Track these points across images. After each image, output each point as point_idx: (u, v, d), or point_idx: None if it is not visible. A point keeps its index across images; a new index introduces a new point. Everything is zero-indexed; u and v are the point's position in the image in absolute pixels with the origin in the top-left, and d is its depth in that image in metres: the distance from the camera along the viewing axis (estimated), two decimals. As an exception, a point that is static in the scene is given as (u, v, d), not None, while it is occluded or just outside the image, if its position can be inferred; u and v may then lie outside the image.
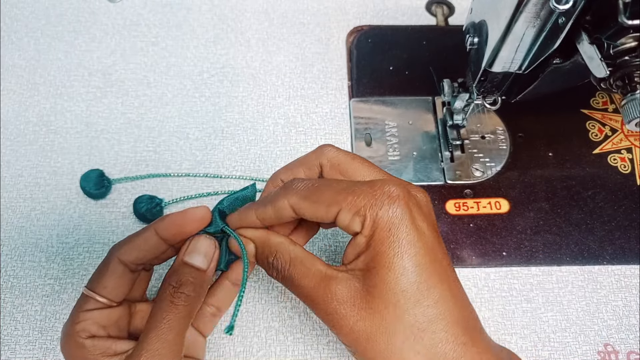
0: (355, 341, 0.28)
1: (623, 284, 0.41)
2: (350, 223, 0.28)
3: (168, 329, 0.28)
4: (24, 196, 0.43)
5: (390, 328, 0.27)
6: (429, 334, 0.27)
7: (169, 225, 0.31)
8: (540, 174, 0.45)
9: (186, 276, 0.30)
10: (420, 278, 0.27)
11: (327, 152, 0.32)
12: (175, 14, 0.52)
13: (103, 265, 0.31)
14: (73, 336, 0.29)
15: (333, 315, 0.28)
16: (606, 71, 0.30)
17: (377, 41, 0.51)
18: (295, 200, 0.29)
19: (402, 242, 0.27)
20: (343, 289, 0.28)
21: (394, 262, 0.27)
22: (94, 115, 0.47)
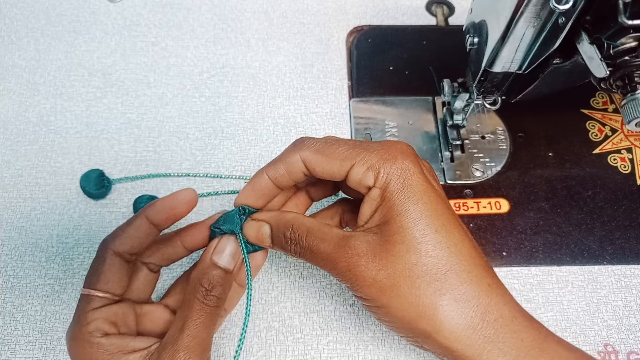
0: (378, 291, 0.28)
1: (623, 284, 0.41)
2: (363, 177, 0.29)
3: (201, 327, 0.29)
4: (24, 196, 0.43)
5: (413, 272, 0.27)
6: (452, 274, 0.27)
7: (160, 210, 0.31)
8: (540, 174, 0.45)
9: (216, 278, 0.30)
10: (438, 222, 0.28)
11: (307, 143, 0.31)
12: (175, 14, 0.52)
13: (99, 261, 0.31)
14: (85, 337, 0.29)
15: (354, 269, 0.28)
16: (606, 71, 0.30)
17: (377, 41, 0.51)
18: (307, 154, 0.30)
19: (417, 190, 0.28)
20: (362, 244, 0.28)
21: (410, 208, 0.28)
22: (94, 115, 0.47)
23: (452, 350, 0.27)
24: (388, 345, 0.38)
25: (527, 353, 0.27)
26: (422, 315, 0.27)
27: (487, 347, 0.27)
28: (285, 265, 0.41)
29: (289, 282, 0.40)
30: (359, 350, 0.38)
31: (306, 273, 0.40)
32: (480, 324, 0.27)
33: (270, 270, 0.41)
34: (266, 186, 0.32)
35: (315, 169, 0.30)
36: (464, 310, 0.27)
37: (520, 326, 0.28)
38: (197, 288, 0.30)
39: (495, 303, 0.27)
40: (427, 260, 0.27)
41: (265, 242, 0.32)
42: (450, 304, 0.27)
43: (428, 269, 0.27)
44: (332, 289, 0.40)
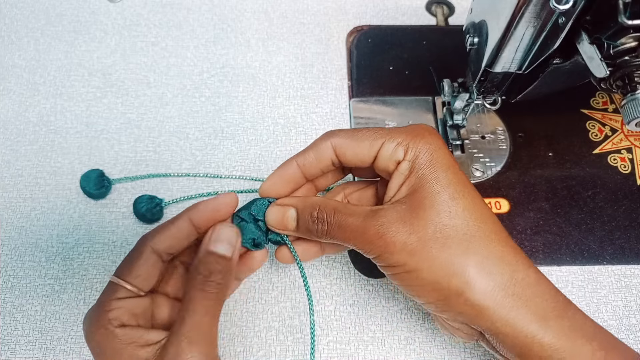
0: (409, 255, 0.28)
1: (623, 284, 0.41)
2: (393, 152, 0.30)
3: (203, 315, 0.29)
4: (24, 196, 0.43)
5: (444, 233, 0.28)
6: (481, 235, 0.29)
7: (204, 212, 0.32)
8: (540, 174, 0.45)
9: (214, 265, 0.30)
10: (465, 190, 0.30)
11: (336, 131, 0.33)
12: (175, 14, 0.52)
13: (135, 254, 0.31)
14: (104, 324, 0.29)
15: (384, 236, 0.29)
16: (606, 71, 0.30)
17: (377, 41, 0.51)
18: (338, 140, 0.31)
19: (444, 162, 0.30)
20: (391, 212, 0.29)
21: (439, 176, 0.29)
22: (94, 115, 0.47)
23: (483, 308, 0.28)
24: (388, 345, 0.38)
25: (551, 314, 0.28)
26: (453, 273, 0.28)
27: (515, 305, 0.28)
28: (285, 265, 0.41)
29: (289, 282, 0.40)
30: (359, 350, 0.38)
31: (306, 273, 0.40)
32: (510, 282, 0.28)
33: (270, 270, 0.41)
34: (294, 173, 0.33)
35: (346, 153, 0.31)
36: (494, 268, 0.28)
37: (545, 288, 0.29)
38: (195, 277, 0.30)
39: (522, 264, 0.29)
40: (457, 221, 0.29)
41: (290, 226, 0.33)
42: (481, 262, 0.28)
43: (458, 230, 0.28)
44: (332, 289, 0.40)
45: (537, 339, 0.27)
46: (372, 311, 0.39)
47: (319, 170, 0.33)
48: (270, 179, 0.33)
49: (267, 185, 0.33)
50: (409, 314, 0.39)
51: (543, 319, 0.28)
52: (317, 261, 0.41)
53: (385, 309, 0.39)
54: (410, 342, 0.38)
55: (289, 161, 0.33)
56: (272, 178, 0.33)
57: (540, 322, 0.27)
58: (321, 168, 0.33)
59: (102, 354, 0.29)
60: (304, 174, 0.33)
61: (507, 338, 0.28)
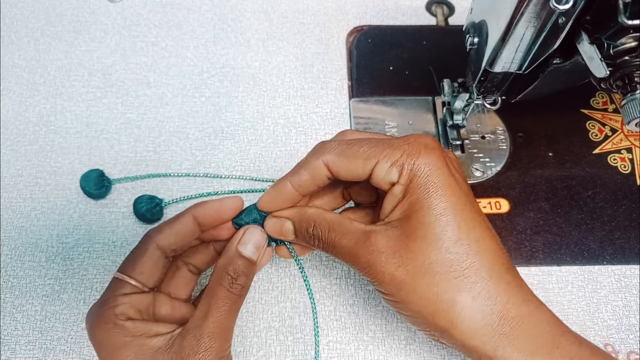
0: (397, 287, 0.28)
1: (623, 284, 0.41)
2: (387, 174, 0.29)
3: (226, 314, 0.29)
4: (24, 196, 0.43)
5: (432, 268, 0.28)
6: (472, 272, 0.27)
7: (208, 212, 0.32)
8: (540, 174, 0.45)
9: (241, 267, 0.31)
10: (460, 218, 0.28)
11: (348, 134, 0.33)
12: (175, 14, 0.52)
13: (139, 251, 0.31)
14: (110, 319, 0.29)
15: (374, 265, 0.29)
16: (606, 71, 0.30)
17: (377, 41, 0.51)
18: (330, 158, 0.30)
19: (440, 186, 0.28)
20: (382, 239, 0.29)
21: (432, 204, 0.28)
22: (94, 115, 0.47)
23: (468, 346, 0.28)
24: (388, 345, 0.38)
25: (542, 349, 0.27)
26: (439, 311, 0.28)
27: (502, 344, 0.27)
28: (285, 266, 0.41)
29: (289, 282, 0.40)
30: (359, 350, 0.38)
31: (307, 273, 0.40)
32: (497, 322, 0.27)
33: (270, 270, 0.41)
34: (289, 193, 0.32)
35: (339, 171, 0.30)
36: (482, 307, 0.27)
37: (537, 323, 0.28)
38: (223, 276, 0.30)
39: (513, 301, 0.28)
40: (447, 257, 0.27)
41: (289, 237, 0.33)
42: (468, 301, 0.27)
43: (447, 265, 0.27)
44: (332, 289, 0.40)
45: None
46: (372, 311, 0.39)
47: (314, 187, 0.32)
48: (265, 200, 0.33)
49: (266, 202, 0.33)
50: (409, 314, 0.39)
51: (531, 355, 0.27)
52: (317, 261, 0.41)
53: (385, 309, 0.39)
54: (410, 342, 0.38)
55: (282, 181, 0.32)
56: (266, 199, 0.33)
57: (528, 358, 0.27)
58: (317, 185, 0.32)
59: (111, 348, 0.29)
60: (300, 193, 0.32)
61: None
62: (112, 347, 0.29)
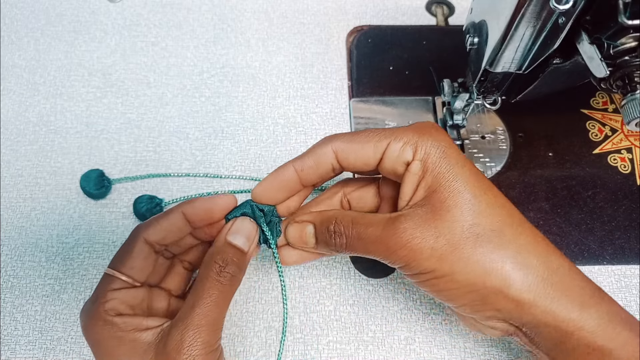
0: (439, 260, 0.27)
1: (623, 284, 0.41)
2: (401, 153, 0.29)
3: (213, 305, 0.29)
4: (24, 196, 0.43)
5: (473, 232, 0.27)
6: (509, 229, 0.28)
7: (198, 210, 0.32)
8: (540, 174, 0.45)
9: (230, 256, 0.30)
10: (485, 184, 0.29)
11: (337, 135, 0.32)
12: (175, 14, 0.52)
13: (128, 246, 0.31)
14: (100, 315, 0.29)
15: (409, 244, 0.28)
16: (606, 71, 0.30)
17: (377, 41, 0.51)
18: (339, 144, 0.30)
19: (459, 158, 0.29)
20: (413, 217, 0.28)
21: (459, 172, 0.28)
22: (94, 115, 0.47)
23: (523, 301, 0.27)
24: (388, 345, 0.38)
25: (589, 300, 0.27)
26: (489, 271, 0.27)
27: (556, 295, 0.27)
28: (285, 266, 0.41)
29: (289, 282, 0.40)
30: (359, 350, 0.38)
31: (306, 273, 0.40)
32: (546, 272, 0.27)
33: (270, 270, 0.41)
34: (290, 178, 0.31)
35: (348, 157, 0.30)
36: (529, 260, 0.27)
37: (578, 275, 0.28)
38: (210, 265, 0.30)
39: (553, 252, 0.28)
40: (484, 219, 0.28)
41: (310, 243, 0.32)
42: (515, 256, 0.27)
43: (487, 226, 0.27)
44: (332, 289, 0.40)
45: (578, 327, 0.27)
46: (372, 311, 0.39)
47: (317, 176, 0.31)
48: (263, 183, 0.32)
49: (259, 190, 0.32)
50: (409, 314, 0.39)
51: (582, 306, 0.27)
52: (317, 261, 0.41)
53: (385, 309, 0.39)
54: (410, 342, 0.38)
55: (286, 165, 0.31)
56: (265, 183, 0.32)
57: (581, 310, 0.27)
58: (320, 174, 0.31)
59: (102, 344, 0.29)
60: (301, 180, 0.31)
61: (548, 329, 0.27)
62: (105, 343, 0.28)
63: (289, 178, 0.31)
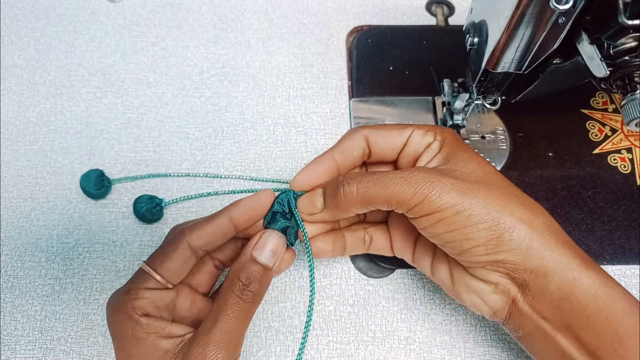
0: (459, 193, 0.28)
1: (623, 284, 0.40)
2: (423, 137, 0.33)
3: (235, 322, 0.29)
4: (24, 196, 0.43)
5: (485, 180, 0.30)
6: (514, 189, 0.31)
7: (244, 210, 0.32)
8: (540, 174, 0.45)
9: (254, 274, 0.30)
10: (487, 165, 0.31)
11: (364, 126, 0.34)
12: (175, 14, 0.52)
13: (170, 247, 0.31)
14: (128, 311, 0.29)
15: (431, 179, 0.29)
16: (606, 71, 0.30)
17: (377, 41, 0.51)
18: (369, 130, 0.33)
19: (468, 147, 0.33)
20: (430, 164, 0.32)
21: (468, 149, 0.32)
22: (94, 115, 0.47)
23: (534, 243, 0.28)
24: (388, 345, 0.38)
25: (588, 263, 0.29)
26: (505, 208, 0.28)
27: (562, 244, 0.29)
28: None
29: (289, 282, 0.40)
30: (359, 350, 0.38)
31: (306, 273, 0.40)
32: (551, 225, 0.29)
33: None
34: (329, 166, 0.33)
35: (378, 141, 0.33)
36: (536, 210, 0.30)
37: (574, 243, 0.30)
38: (234, 282, 0.30)
39: (548, 215, 0.30)
40: (490, 177, 0.30)
41: (318, 204, 0.32)
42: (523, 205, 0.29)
43: (496, 180, 0.30)
44: (332, 289, 0.40)
45: (581, 281, 0.28)
46: (372, 311, 0.39)
47: (351, 160, 0.33)
48: (304, 171, 0.33)
49: (301, 177, 0.33)
50: (409, 314, 0.39)
51: (584, 263, 0.28)
52: (317, 261, 0.41)
53: (385, 309, 0.39)
54: (410, 342, 0.38)
55: (326, 154, 0.33)
56: (306, 170, 0.33)
57: (583, 267, 0.28)
58: (354, 158, 0.33)
59: (122, 339, 0.29)
60: (340, 165, 0.33)
61: (555, 277, 0.28)
62: (125, 339, 0.29)
63: (329, 165, 0.33)
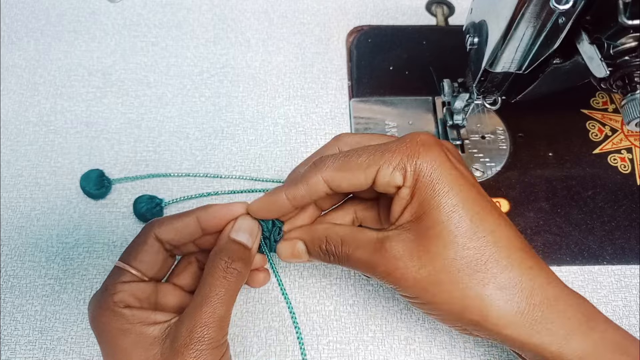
0: (422, 290, 0.28)
1: (623, 284, 0.41)
2: (391, 178, 0.29)
3: (220, 302, 0.29)
4: (24, 196, 0.43)
5: (454, 266, 0.28)
6: (492, 263, 0.27)
7: (212, 217, 0.32)
8: (540, 174, 0.45)
9: (236, 252, 0.31)
10: (472, 211, 0.28)
11: (344, 138, 0.33)
12: (175, 14, 0.52)
13: (139, 241, 0.32)
14: (109, 306, 0.29)
15: (394, 272, 0.28)
16: (606, 71, 0.30)
17: (377, 41, 0.51)
18: (329, 174, 0.30)
19: (446, 182, 0.28)
20: (397, 244, 0.29)
21: (442, 202, 0.28)
22: (94, 115, 0.47)
23: (503, 335, 0.28)
24: (388, 345, 0.38)
25: (575, 331, 0.27)
26: (468, 307, 0.28)
27: (536, 329, 0.27)
28: (285, 265, 0.41)
29: (289, 282, 0.40)
30: (359, 350, 0.38)
31: (306, 273, 0.40)
32: (527, 308, 0.27)
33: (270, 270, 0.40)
34: (282, 205, 0.31)
35: (341, 185, 0.30)
36: (509, 296, 0.27)
37: (565, 305, 0.28)
38: (216, 262, 0.30)
39: (538, 285, 0.28)
40: (465, 252, 0.27)
41: (303, 258, 0.33)
42: (494, 293, 0.27)
43: (468, 261, 0.27)
44: (332, 289, 0.40)
45: (559, 357, 0.27)
46: (372, 311, 0.39)
47: (311, 201, 0.32)
48: (257, 204, 0.32)
49: (254, 209, 0.32)
50: (409, 314, 0.39)
51: (564, 338, 0.27)
52: (317, 261, 0.41)
53: (385, 309, 0.39)
54: (410, 342, 0.38)
55: (277, 192, 0.31)
56: (258, 203, 0.32)
57: (562, 342, 0.27)
58: (314, 199, 0.31)
59: (108, 335, 0.29)
60: (293, 205, 0.31)
61: (530, 354, 0.28)
62: (111, 334, 0.29)
63: (281, 205, 0.31)
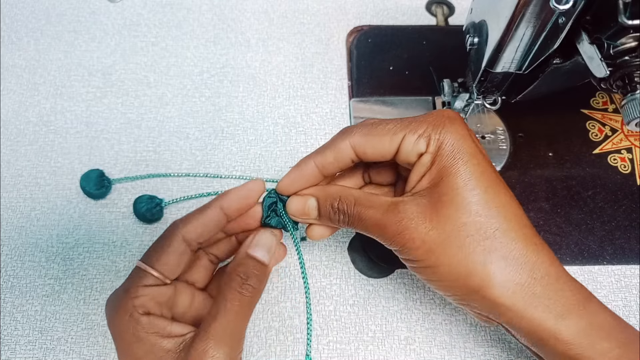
0: (427, 252, 0.28)
1: (623, 284, 0.41)
2: (415, 145, 0.30)
3: (235, 318, 0.29)
4: (24, 196, 0.43)
5: (463, 231, 0.28)
6: (501, 233, 0.28)
7: (234, 200, 0.32)
8: (540, 174, 0.45)
9: (252, 269, 0.31)
10: (487, 182, 0.29)
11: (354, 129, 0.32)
12: (175, 14, 0.52)
13: (164, 242, 0.31)
14: (128, 311, 0.29)
15: (404, 232, 0.29)
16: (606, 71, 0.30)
17: (377, 41, 0.51)
18: (357, 139, 0.31)
19: (466, 152, 0.29)
20: (412, 207, 0.29)
21: (460, 169, 0.29)
22: (94, 115, 0.47)
23: (500, 305, 0.28)
24: (388, 345, 0.38)
25: (571, 310, 0.28)
26: (472, 272, 0.28)
27: (533, 303, 0.28)
28: (285, 265, 0.41)
29: (289, 282, 0.40)
30: (359, 350, 0.38)
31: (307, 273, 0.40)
32: (528, 281, 0.28)
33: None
34: (312, 173, 0.32)
35: (366, 151, 0.31)
36: (513, 267, 0.28)
37: (565, 285, 0.28)
38: (232, 278, 0.30)
39: (542, 262, 0.28)
40: (476, 219, 0.28)
41: (312, 215, 0.33)
42: (499, 261, 0.28)
43: (477, 228, 0.28)
44: (332, 289, 0.40)
45: (553, 334, 0.28)
46: (372, 311, 0.39)
47: (337, 169, 0.32)
48: (287, 178, 0.33)
49: (284, 184, 0.33)
50: (409, 314, 0.39)
51: (560, 316, 0.28)
52: (317, 261, 0.41)
53: (385, 309, 0.39)
54: (410, 342, 0.38)
55: (306, 160, 0.32)
56: (288, 177, 0.33)
57: (557, 320, 0.28)
58: (340, 167, 0.32)
59: (124, 339, 0.29)
60: (322, 173, 0.32)
61: (524, 331, 0.28)
62: (126, 339, 0.29)
63: (311, 172, 0.32)
